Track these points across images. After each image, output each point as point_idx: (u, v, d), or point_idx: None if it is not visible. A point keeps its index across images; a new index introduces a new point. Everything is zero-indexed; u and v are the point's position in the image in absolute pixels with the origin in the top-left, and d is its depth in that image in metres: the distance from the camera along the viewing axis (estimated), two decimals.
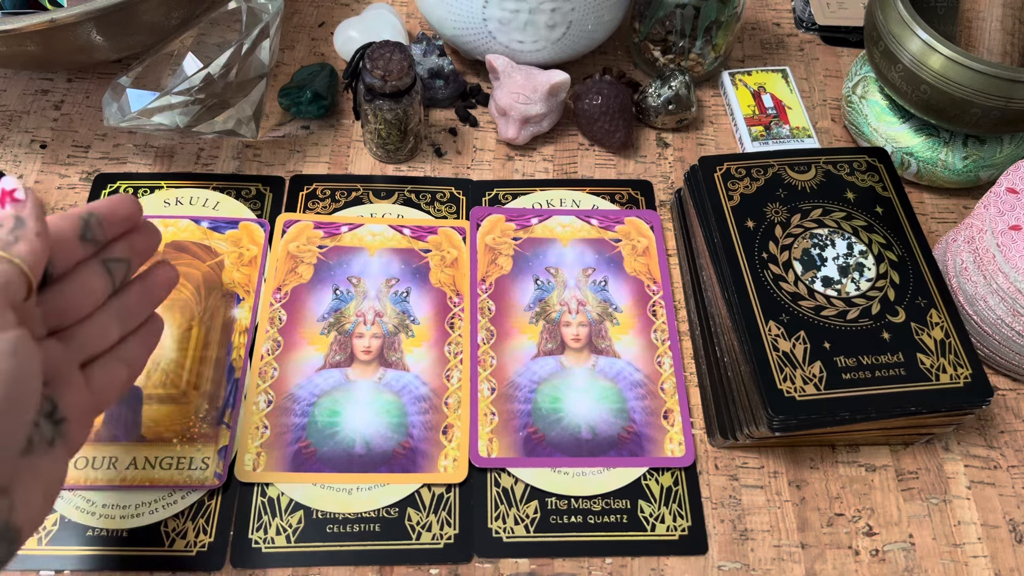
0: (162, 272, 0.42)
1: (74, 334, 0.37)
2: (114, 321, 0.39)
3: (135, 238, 0.40)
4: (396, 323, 0.56)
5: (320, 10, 0.76)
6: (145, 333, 0.41)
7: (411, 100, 0.61)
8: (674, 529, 0.50)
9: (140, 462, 0.50)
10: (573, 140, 0.68)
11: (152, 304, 0.42)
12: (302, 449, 0.51)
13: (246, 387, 0.53)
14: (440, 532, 0.49)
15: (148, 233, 0.41)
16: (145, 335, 0.41)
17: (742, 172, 0.58)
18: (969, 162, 0.62)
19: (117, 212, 0.39)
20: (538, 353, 0.56)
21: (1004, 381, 0.57)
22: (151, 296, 0.42)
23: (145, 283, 0.41)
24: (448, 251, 0.60)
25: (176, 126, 0.57)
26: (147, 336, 0.42)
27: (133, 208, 0.40)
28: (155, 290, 0.42)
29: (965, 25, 0.61)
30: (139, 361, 0.41)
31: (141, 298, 0.41)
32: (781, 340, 0.50)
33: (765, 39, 0.76)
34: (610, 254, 0.60)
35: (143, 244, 0.41)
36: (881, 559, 0.50)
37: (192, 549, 0.48)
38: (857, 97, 0.66)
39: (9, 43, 0.55)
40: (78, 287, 0.37)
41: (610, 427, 0.53)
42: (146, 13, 0.58)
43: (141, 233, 0.41)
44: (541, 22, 0.62)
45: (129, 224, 0.40)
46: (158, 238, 0.41)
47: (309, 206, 0.62)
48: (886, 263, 0.53)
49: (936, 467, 0.53)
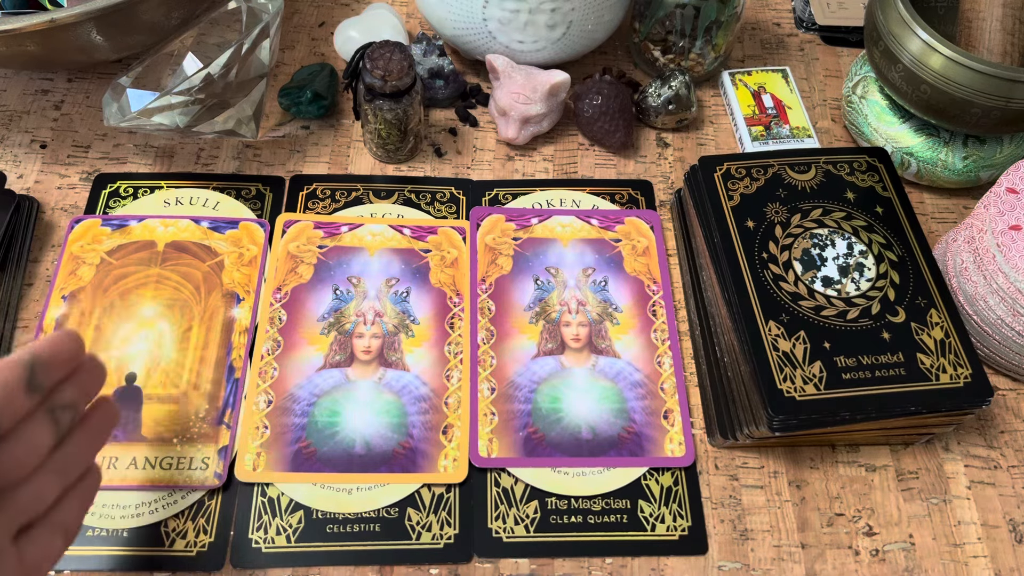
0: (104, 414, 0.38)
1: (12, 498, 0.32)
2: (54, 478, 0.34)
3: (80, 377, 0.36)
4: (396, 323, 0.56)
5: (320, 10, 0.76)
6: (83, 489, 0.37)
7: (411, 100, 0.61)
8: (674, 529, 0.50)
9: (140, 462, 0.50)
10: (573, 140, 0.68)
11: (94, 452, 0.37)
12: (302, 449, 0.51)
13: (246, 387, 0.53)
14: (440, 532, 0.49)
15: (93, 370, 0.37)
16: (83, 492, 0.37)
17: (742, 172, 0.58)
18: (969, 162, 0.62)
19: (60, 352, 0.34)
20: (538, 353, 0.56)
21: (1004, 381, 0.57)
22: (93, 443, 0.37)
23: (87, 429, 0.37)
24: (448, 251, 0.60)
25: (176, 126, 0.57)
26: (85, 492, 0.37)
27: (75, 345, 0.35)
28: (98, 436, 0.37)
29: (965, 25, 0.61)
30: (76, 525, 0.36)
31: (84, 446, 0.36)
32: (781, 340, 0.50)
33: (765, 39, 0.76)
34: (610, 254, 0.60)
35: (89, 383, 0.36)
36: (881, 559, 0.50)
37: (192, 549, 0.48)
38: (857, 97, 0.66)
39: (9, 43, 0.55)
40: (22, 444, 0.33)
41: (610, 427, 0.53)
42: (146, 13, 0.58)
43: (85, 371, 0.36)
44: (541, 22, 0.62)
45: (73, 363, 0.35)
46: (103, 374, 0.37)
47: (309, 206, 0.62)
48: (886, 263, 0.53)
49: (936, 467, 0.53)
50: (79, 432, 0.36)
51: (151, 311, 0.56)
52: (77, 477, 0.36)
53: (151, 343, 0.54)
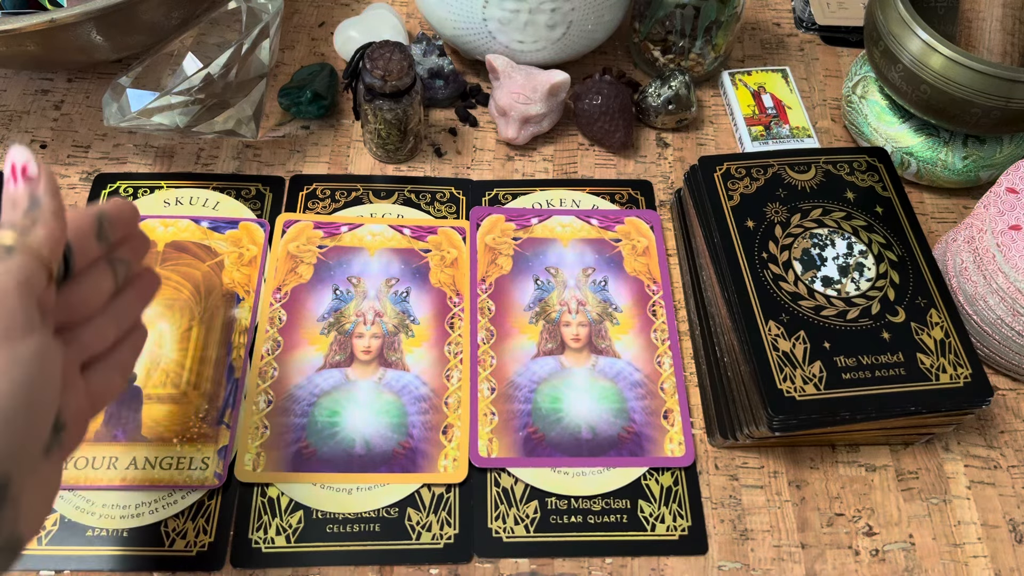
0: (150, 276, 0.42)
1: (77, 335, 0.36)
2: (111, 323, 0.38)
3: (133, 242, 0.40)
4: (396, 323, 0.56)
5: (320, 10, 0.76)
6: (133, 339, 0.41)
7: (411, 100, 0.61)
8: (674, 529, 0.50)
9: (140, 462, 0.50)
10: (573, 140, 0.68)
11: (142, 308, 0.41)
12: (302, 449, 0.51)
13: (246, 387, 0.53)
14: (440, 532, 0.49)
15: (143, 239, 0.41)
16: (134, 340, 0.41)
17: (742, 172, 0.58)
18: (969, 162, 0.62)
19: (123, 215, 0.39)
20: (538, 353, 0.56)
21: (1004, 381, 0.57)
22: (142, 300, 0.41)
23: (137, 287, 0.41)
24: (448, 251, 0.60)
25: (176, 126, 0.57)
26: (135, 342, 0.41)
27: (134, 213, 0.40)
28: (145, 294, 0.41)
29: (965, 25, 0.61)
30: (129, 367, 0.41)
31: (134, 301, 0.40)
32: (781, 340, 0.50)
33: (765, 39, 0.76)
34: (610, 254, 0.60)
35: (140, 248, 0.41)
36: (881, 559, 0.50)
37: (192, 549, 0.48)
38: (857, 97, 0.66)
39: (9, 43, 0.55)
40: (90, 285, 0.37)
41: (610, 427, 0.53)
42: (146, 13, 0.58)
43: (137, 239, 0.41)
44: (541, 22, 0.62)
45: (130, 228, 0.40)
46: (149, 245, 0.42)
47: (309, 206, 0.62)
48: (886, 263, 0.53)
49: (936, 467, 0.53)
50: (131, 289, 0.40)
51: (151, 311, 0.56)
52: (128, 329, 0.40)
53: (151, 343, 0.54)
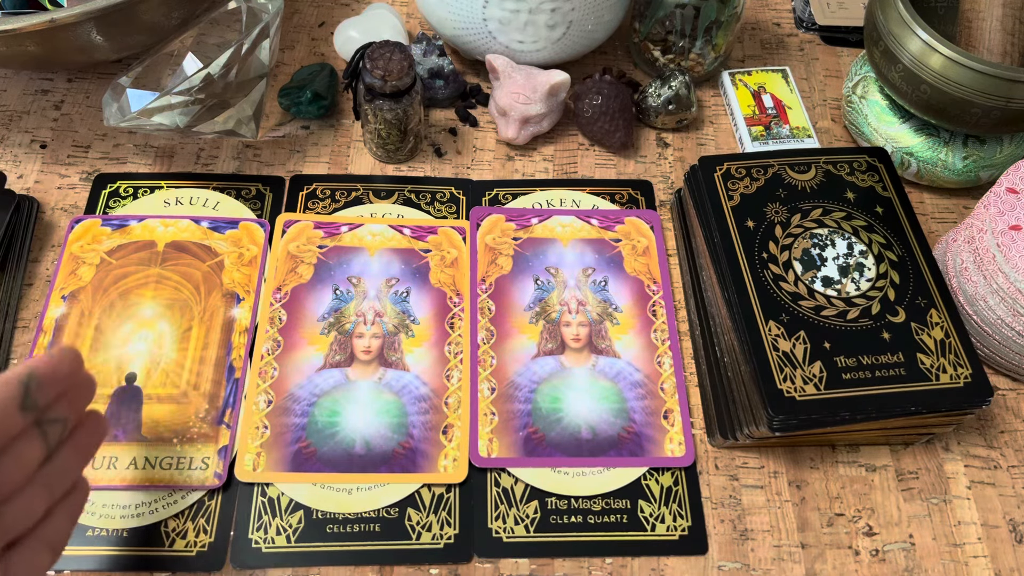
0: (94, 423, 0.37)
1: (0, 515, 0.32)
2: (42, 493, 0.34)
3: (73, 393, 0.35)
4: (396, 323, 0.56)
5: (320, 10, 0.76)
6: (71, 503, 0.36)
7: (411, 100, 0.61)
8: (674, 529, 0.50)
9: (140, 462, 0.50)
10: (573, 140, 0.68)
11: (82, 464, 0.37)
12: (302, 449, 0.51)
13: (246, 387, 0.53)
14: (440, 532, 0.49)
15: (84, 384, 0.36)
16: (71, 506, 0.36)
17: (742, 172, 0.58)
18: (969, 162, 0.62)
19: (58, 371, 0.34)
20: (538, 353, 0.56)
21: (1004, 381, 0.57)
22: (82, 456, 0.36)
23: (76, 443, 0.36)
24: (448, 251, 0.60)
25: (176, 126, 0.57)
26: (73, 506, 0.36)
27: (75, 361, 0.35)
28: (87, 449, 0.37)
29: (965, 25, 0.61)
30: (63, 539, 0.36)
31: (71, 461, 0.36)
32: (781, 340, 0.50)
33: (765, 39, 0.76)
34: (610, 254, 0.60)
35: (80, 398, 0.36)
36: (881, 559, 0.50)
37: (192, 549, 0.48)
38: (857, 97, 0.66)
39: (9, 43, 0.55)
40: (11, 460, 0.32)
41: (610, 427, 0.53)
42: (146, 13, 0.58)
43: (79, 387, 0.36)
44: (541, 22, 0.62)
45: (70, 381, 0.35)
46: (93, 388, 0.37)
47: (309, 206, 0.62)
48: (886, 263, 0.53)
49: (936, 467, 0.53)
50: (67, 446, 0.36)
51: (151, 311, 0.56)
52: (64, 492, 0.36)
53: (151, 343, 0.54)
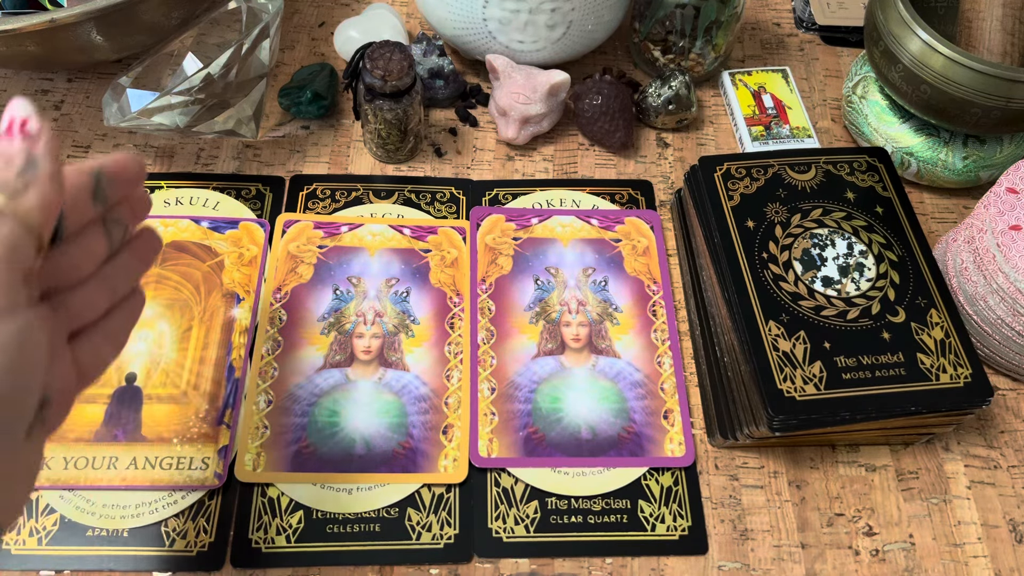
0: (149, 239, 0.38)
1: (66, 301, 0.33)
2: (104, 289, 0.35)
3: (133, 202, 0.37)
4: (396, 323, 0.56)
5: (320, 10, 0.76)
6: (129, 307, 0.38)
7: (411, 100, 0.61)
8: (674, 529, 0.50)
9: (140, 462, 0.50)
10: (573, 140, 0.68)
11: (140, 273, 0.38)
12: (302, 449, 0.51)
13: (246, 387, 0.53)
14: (440, 532, 0.49)
15: (143, 200, 0.38)
16: (129, 309, 0.37)
17: (742, 172, 0.58)
18: (969, 162, 0.62)
19: (126, 171, 0.35)
20: (538, 353, 0.56)
21: (1004, 381, 0.57)
22: (140, 264, 0.38)
23: (134, 250, 0.37)
24: (448, 251, 0.60)
25: (176, 126, 0.57)
26: (131, 310, 0.38)
27: (139, 169, 0.36)
28: (144, 258, 0.38)
29: (965, 25, 0.61)
30: (122, 338, 0.37)
31: (130, 266, 0.37)
32: (781, 340, 0.50)
33: (765, 39, 0.76)
34: (610, 254, 0.60)
35: (139, 208, 0.37)
36: (881, 559, 0.50)
37: (192, 549, 0.48)
38: (857, 97, 0.66)
39: (9, 43, 0.55)
40: (81, 250, 0.34)
41: (610, 427, 0.53)
42: (146, 13, 0.58)
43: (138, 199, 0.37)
44: (541, 22, 0.62)
45: (133, 186, 0.36)
46: (149, 205, 0.38)
47: (309, 206, 0.62)
48: (886, 263, 0.53)
49: (936, 467, 0.53)
50: (127, 252, 0.37)
51: (151, 311, 0.56)
52: (123, 295, 0.37)
53: (151, 343, 0.54)
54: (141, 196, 0.37)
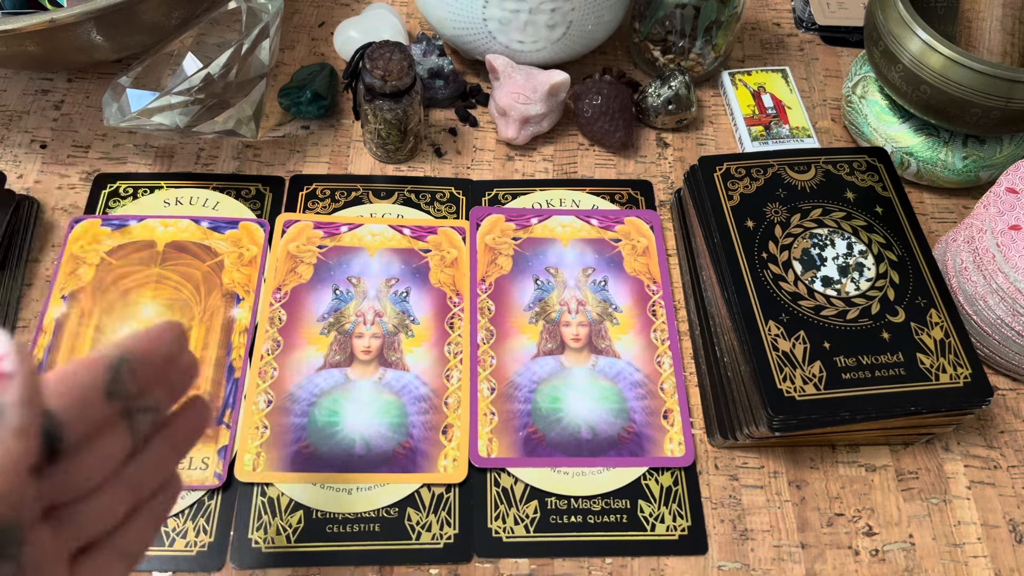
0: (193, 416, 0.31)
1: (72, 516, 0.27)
2: (124, 493, 0.29)
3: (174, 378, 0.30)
4: (396, 323, 0.56)
5: (320, 10, 0.76)
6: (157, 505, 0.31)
7: (411, 100, 0.61)
8: (674, 529, 0.50)
9: None
10: (573, 140, 0.68)
11: (176, 460, 0.31)
12: (302, 449, 0.51)
13: (246, 387, 0.53)
14: (440, 532, 0.49)
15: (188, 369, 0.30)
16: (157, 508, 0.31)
17: (742, 172, 0.58)
18: (969, 162, 0.62)
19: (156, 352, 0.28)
20: (538, 353, 0.56)
21: (1004, 381, 0.57)
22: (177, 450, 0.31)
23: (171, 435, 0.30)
24: (448, 251, 0.60)
25: (176, 126, 0.57)
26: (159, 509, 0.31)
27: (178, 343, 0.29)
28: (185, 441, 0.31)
29: (965, 25, 0.61)
30: (143, 548, 0.30)
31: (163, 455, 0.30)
32: (781, 340, 0.50)
33: (765, 39, 0.76)
34: (610, 254, 0.60)
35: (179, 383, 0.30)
36: (881, 559, 0.50)
37: (192, 549, 0.48)
38: (857, 97, 0.66)
39: (9, 43, 0.55)
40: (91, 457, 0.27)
41: (610, 427, 0.53)
42: (146, 13, 0.58)
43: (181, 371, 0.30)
44: (541, 22, 0.62)
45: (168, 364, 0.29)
46: (197, 372, 0.31)
47: (309, 206, 0.62)
48: (886, 263, 0.53)
49: (936, 467, 0.53)
50: (160, 438, 0.30)
51: (151, 311, 0.56)
52: (151, 492, 0.30)
53: None
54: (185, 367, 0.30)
